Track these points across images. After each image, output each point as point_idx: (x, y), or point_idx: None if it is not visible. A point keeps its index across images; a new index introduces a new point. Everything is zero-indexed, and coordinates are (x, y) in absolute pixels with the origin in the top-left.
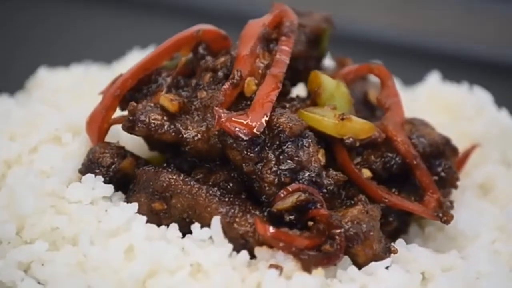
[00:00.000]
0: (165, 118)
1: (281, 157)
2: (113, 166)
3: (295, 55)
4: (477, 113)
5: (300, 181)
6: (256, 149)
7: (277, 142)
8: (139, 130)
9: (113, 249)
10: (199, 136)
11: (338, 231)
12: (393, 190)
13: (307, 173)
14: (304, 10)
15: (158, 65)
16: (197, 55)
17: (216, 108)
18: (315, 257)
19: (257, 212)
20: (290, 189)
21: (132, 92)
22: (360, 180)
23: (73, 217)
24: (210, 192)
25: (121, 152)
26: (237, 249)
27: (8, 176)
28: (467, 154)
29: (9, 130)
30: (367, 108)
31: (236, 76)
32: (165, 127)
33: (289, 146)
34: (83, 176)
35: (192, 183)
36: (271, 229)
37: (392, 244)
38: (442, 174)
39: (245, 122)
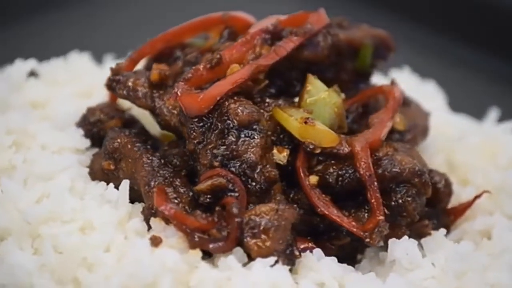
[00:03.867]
0: (145, 85)
1: (219, 142)
2: (98, 123)
3: (303, 58)
4: (510, 163)
5: (232, 169)
6: (201, 129)
7: (221, 127)
8: (118, 91)
9: (31, 192)
10: (170, 108)
11: (233, 220)
12: (349, 204)
13: (239, 163)
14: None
15: (180, 40)
16: (221, 39)
17: (179, 83)
18: (201, 239)
19: (182, 190)
20: (211, 173)
21: (154, 61)
22: (302, 184)
23: (28, 158)
24: (148, 161)
25: (111, 112)
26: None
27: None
28: (474, 199)
29: (57, 78)
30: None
31: (214, 59)
32: (140, 93)
33: (232, 133)
34: (68, 128)
35: (137, 149)
36: (165, 204)
37: (311, 252)
38: (400, 201)
39: (197, 100)
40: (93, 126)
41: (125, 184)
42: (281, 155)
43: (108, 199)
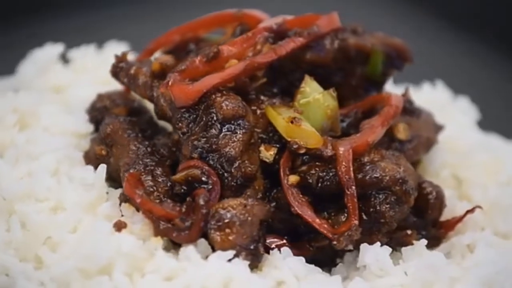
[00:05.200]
0: (146, 74)
1: (201, 133)
2: (104, 110)
3: (306, 59)
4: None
5: (210, 162)
6: (187, 120)
7: (205, 119)
8: (120, 78)
9: (17, 169)
10: (167, 98)
11: (199, 211)
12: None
13: (217, 156)
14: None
15: (195, 33)
16: (233, 35)
17: (173, 73)
18: (166, 228)
19: (161, 179)
20: (188, 164)
21: (169, 53)
22: (281, 182)
23: (30, 138)
24: (134, 148)
25: (118, 100)
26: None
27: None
28: (465, 214)
29: (84, 65)
30: (386, 138)
31: (210, 52)
32: (140, 82)
33: (215, 126)
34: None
35: (127, 136)
36: (133, 191)
37: (279, 250)
38: (378, 207)
39: (185, 91)
40: (99, 112)
41: (102, 168)
42: (268, 153)
43: (86, 182)
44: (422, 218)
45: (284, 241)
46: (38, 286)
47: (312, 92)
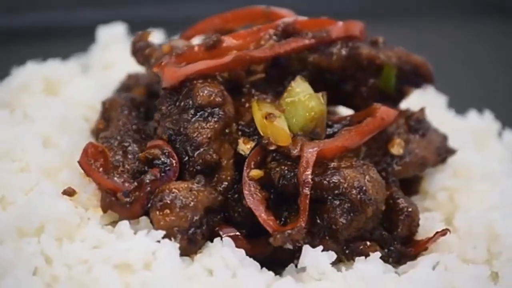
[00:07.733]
0: (158, 56)
1: (174, 117)
2: (126, 88)
3: (309, 61)
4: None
5: (176, 145)
6: (168, 102)
7: (183, 103)
8: (137, 57)
9: (14, 129)
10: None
11: (144, 188)
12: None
13: (184, 140)
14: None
15: (225, 25)
16: None
17: (170, 55)
18: (111, 201)
19: (131, 156)
20: (154, 143)
21: None
22: (243, 174)
23: (43, 103)
24: (120, 124)
25: (142, 81)
26: None
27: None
28: (434, 235)
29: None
30: (380, 151)
31: (210, 40)
32: (152, 62)
33: (190, 111)
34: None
35: (120, 111)
36: (86, 162)
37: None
38: (330, 213)
39: (172, 73)
40: (122, 91)
41: (72, 137)
42: (245, 146)
43: (62, 150)
44: (390, 233)
45: (238, 233)
46: None
47: (300, 92)
